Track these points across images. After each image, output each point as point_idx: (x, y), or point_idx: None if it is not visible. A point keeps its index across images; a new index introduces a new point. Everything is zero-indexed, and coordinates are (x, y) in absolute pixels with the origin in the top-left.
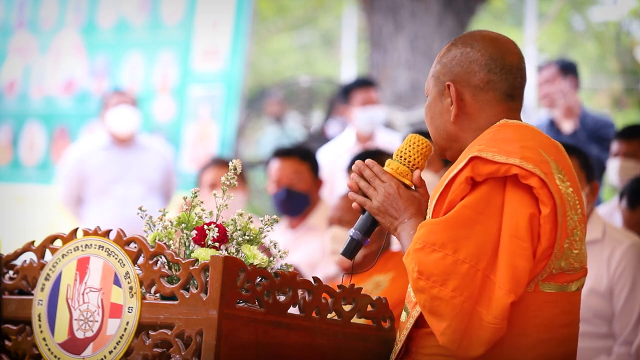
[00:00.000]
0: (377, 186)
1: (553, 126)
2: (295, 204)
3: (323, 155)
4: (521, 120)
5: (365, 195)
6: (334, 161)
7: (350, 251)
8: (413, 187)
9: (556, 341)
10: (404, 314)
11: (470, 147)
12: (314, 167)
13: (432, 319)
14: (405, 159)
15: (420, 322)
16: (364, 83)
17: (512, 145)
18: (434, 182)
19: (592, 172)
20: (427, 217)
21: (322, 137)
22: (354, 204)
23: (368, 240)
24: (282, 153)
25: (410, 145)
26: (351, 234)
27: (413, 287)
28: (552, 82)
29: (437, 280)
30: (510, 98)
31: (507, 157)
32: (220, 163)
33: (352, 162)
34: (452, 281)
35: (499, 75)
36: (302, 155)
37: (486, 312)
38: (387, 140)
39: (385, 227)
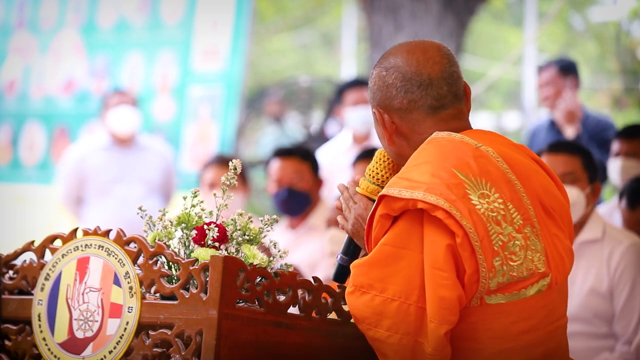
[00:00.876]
0: (351, 208)
1: (554, 127)
2: (297, 203)
3: (321, 156)
4: (464, 123)
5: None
6: (332, 162)
7: (340, 276)
8: None
9: (516, 350)
10: None
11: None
12: (314, 166)
13: (379, 357)
14: (373, 176)
15: None
16: (356, 83)
17: (423, 175)
18: None
19: (595, 172)
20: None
21: (321, 137)
22: (340, 226)
23: None
24: (283, 153)
25: (377, 162)
26: (338, 259)
27: None
28: (552, 84)
29: (371, 323)
30: (440, 109)
31: (412, 191)
32: (222, 161)
33: (358, 157)
34: (384, 321)
35: (417, 94)
36: (303, 155)
37: (427, 344)
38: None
39: (362, 248)
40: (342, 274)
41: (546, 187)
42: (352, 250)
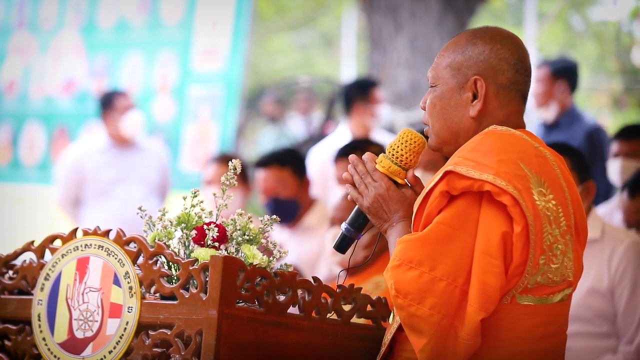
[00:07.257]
0: (369, 184)
1: (544, 126)
2: (285, 211)
3: (316, 154)
4: (523, 124)
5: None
6: (327, 160)
7: (342, 246)
8: (406, 184)
9: (535, 353)
10: (391, 315)
11: (455, 154)
12: (295, 169)
13: (411, 335)
14: (397, 157)
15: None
16: (372, 84)
17: (489, 159)
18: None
19: (586, 171)
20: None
21: (321, 138)
22: (349, 197)
23: (360, 235)
24: (261, 163)
25: (402, 143)
26: (343, 229)
27: (393, 304)
28: (541, 83)
29: (415, 299)
30: (523, 101)
31: (481, 173)
32: (222, 159)
33: (340, 153)
34: (429, 299)
35: (522, 77)
36: (281, 161)
37: (461, 328)
38: (383, 140)
39: (377, 227)
40: (344, 243)
41: (578, 201)
42: (359, 224)
